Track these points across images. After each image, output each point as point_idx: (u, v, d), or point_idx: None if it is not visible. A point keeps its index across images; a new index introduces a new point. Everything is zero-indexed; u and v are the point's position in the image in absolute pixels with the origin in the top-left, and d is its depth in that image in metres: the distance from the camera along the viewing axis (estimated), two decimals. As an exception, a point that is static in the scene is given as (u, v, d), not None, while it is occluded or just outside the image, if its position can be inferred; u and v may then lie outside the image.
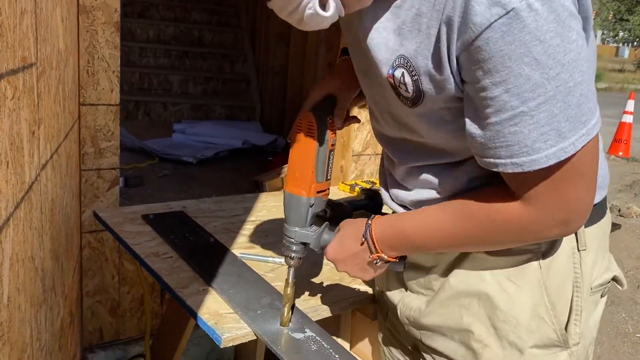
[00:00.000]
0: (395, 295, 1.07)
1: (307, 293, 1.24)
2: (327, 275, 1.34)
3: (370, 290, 1.27)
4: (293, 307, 1.10)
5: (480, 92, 0.72)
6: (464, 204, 0.84)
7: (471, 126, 0.77)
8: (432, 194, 0.93)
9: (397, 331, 1.12)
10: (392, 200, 1.03)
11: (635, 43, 33.89)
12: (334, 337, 1.23)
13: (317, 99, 1.01)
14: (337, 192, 2.12)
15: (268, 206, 1.84)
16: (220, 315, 1.10)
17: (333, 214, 1.63)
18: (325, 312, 1.20)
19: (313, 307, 1.19)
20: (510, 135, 0.72)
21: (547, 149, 0.71)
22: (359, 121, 1.16)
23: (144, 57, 5.47)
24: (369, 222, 0.93)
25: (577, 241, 0.90)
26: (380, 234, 0.92)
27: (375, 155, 2.57)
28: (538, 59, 0.67)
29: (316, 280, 1.31)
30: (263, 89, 5.32)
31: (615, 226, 2.11)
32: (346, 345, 1.45)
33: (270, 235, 1.56)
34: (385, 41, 0.83)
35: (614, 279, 1.00)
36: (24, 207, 0.82)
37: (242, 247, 1.46)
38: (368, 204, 1.76)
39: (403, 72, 0.81)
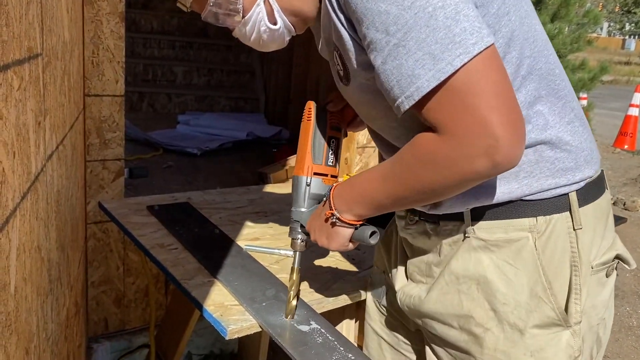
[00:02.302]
0: (398, 281, 1.07)
1: (312, 286, 1.24)
2: (332, 267, 1.34)
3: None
4: (298, 294, 1.10)
5: (364, 43, 0.80)
6: (400, 150, 0.85)
7: (376, 79, 0.82)
8: None
9: (396, 311, 1.13)
10: None
11: (641, 35, 33.63)
12: (339, 329, 1.23)
13: (331, 98, 1.08)
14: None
15: (273, 198, 1.84)
16: (226, 307, 1.10)
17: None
18: (330, 304, 1.20)
19: (318, 299, 1.19)
20: (396, 70, 0.77)
21: (426, 74, 0.74)
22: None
23: (148, 48, 5.46)
24: (334, 183, 0.99)
25: (572, 220, 0.91)
26: (337, 190, 0.96)
27: (380, 148, 2.56)
28: None
29: (321, 272, 1.31)
30: (267, 81, 5.31)
31: (620, 220, 2.10)
32: (351, 337, 1.45)
33: (275, 227, 1.56)
34: (326, 37, 0.92)
35: (619, 258, 0.99)
36: (31, 198, 0.82)
37: (247, 239, 1.46)
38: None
39: (335, 54, 0.91)
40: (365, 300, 1.25)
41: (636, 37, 36.42)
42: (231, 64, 5.71)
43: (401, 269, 1.08)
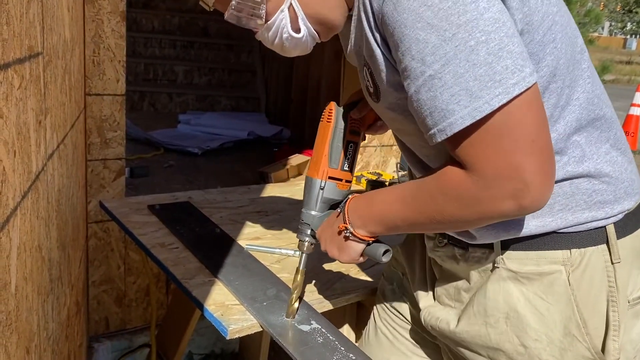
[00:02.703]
0: (422, 299, 1.06)
1: (313, 285, 1.24)
2: (333, 267, 1.34)
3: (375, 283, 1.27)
4: (302, 295, 1.10)
5: (399, 68, 0.77)
6: (424, 178, 0.84)
7: (409, 104, 0.79)
8: None
9: (413, 318, 1.12)
10: None
11: (643, 35, 33.61)
12: (340, 329, 1.23)
13: (352, 99, 1.07)
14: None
15: (273, 197, 1.84)
16: (226, 307, 1.10)
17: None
18: (330, 304, 1.19)
19: (319, 299, 1.19)
20: (429, 101, 0.74)
21: (462, 110, 0.72)
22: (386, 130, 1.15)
23: (149, 48, 5.46)
24: (350, 195, 0.97)
25: (610, 254, 0.87)
26: (353, 204, 0.94)
27: (381, 147, 2.56)
28: (430, 23, 0.71)
29: (323, 272, 1.31)
30: (268, 80, 5.31)
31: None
32: (352, 337, 1.45)
33: (276, 227, 1.56)
34: (357, 50, 0.91)
35: None
36: (31, 197, 0.82)
37: (248, 238, 1.46)
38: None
39: (365, 70, 0.89)
40: (364, 300, 1.25)
41: (638, 36, 36.40)
42: (232, 64, 5.71)
43: (426, 286, 1.06)
